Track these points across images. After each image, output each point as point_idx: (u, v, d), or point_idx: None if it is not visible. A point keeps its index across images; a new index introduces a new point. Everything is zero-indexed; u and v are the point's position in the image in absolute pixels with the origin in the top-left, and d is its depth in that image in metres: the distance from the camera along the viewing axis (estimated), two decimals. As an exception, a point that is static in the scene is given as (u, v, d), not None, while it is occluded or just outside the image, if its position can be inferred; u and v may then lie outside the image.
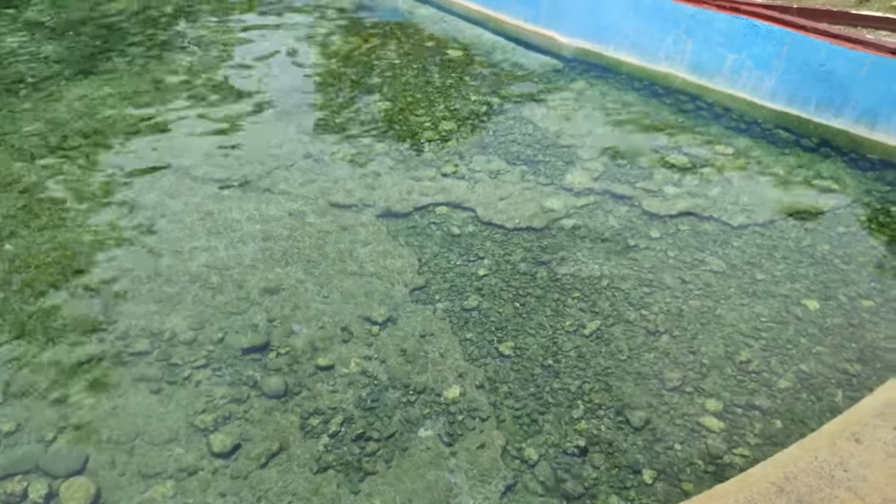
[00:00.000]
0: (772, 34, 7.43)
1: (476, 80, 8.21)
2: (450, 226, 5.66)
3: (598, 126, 7.20)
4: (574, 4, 9.12)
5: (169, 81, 8.01)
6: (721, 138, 6.99)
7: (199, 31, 9.52)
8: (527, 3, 9.56)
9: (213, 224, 5.60)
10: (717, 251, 5.42)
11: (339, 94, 7.83)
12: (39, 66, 8.32)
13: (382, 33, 9.58)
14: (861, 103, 6.83)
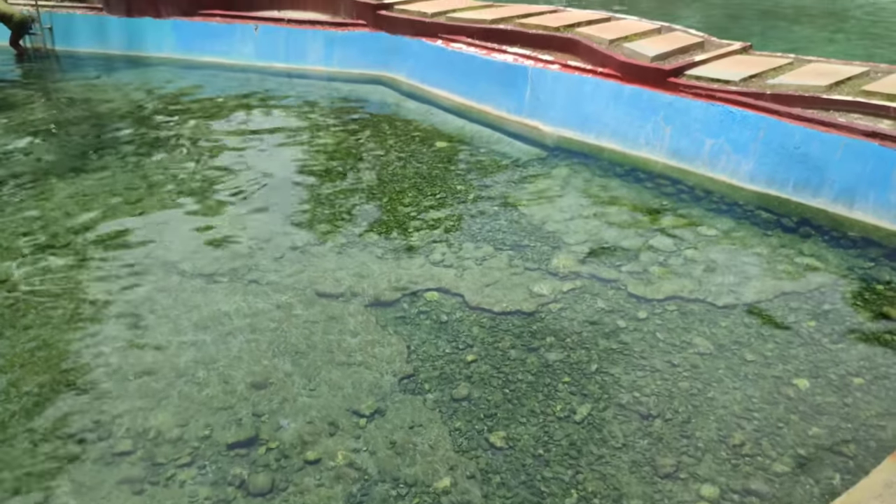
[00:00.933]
0: (747, 119, 7.68)
1: (462, 170, 8.38)
2: (438, 312, 5.67)
3: (582, 211, 7.32)
4: (556, 95, 9.43)
5: (159, 178, 8.14)
6: (703, 220, 7.11)
7: (190, 128, 9.74)
8: (510, 94, 9.88)
9: (201, 318, 5.59)
10: (704, 332, 5.43)
11: (327, 186, 7.96)
12: (31, 165, 8.45)
13: (370, 126, 9.82)
14: (838, 183, 7.00)
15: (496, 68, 10.08)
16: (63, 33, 13.25)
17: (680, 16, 17.07)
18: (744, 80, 8.24)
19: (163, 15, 12.82)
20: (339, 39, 12.05)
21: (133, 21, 12.95)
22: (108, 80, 11.95)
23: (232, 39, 12.50)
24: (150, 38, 12.87)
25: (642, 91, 8.63)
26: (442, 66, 10.81)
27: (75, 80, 12.02)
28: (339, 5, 12.59)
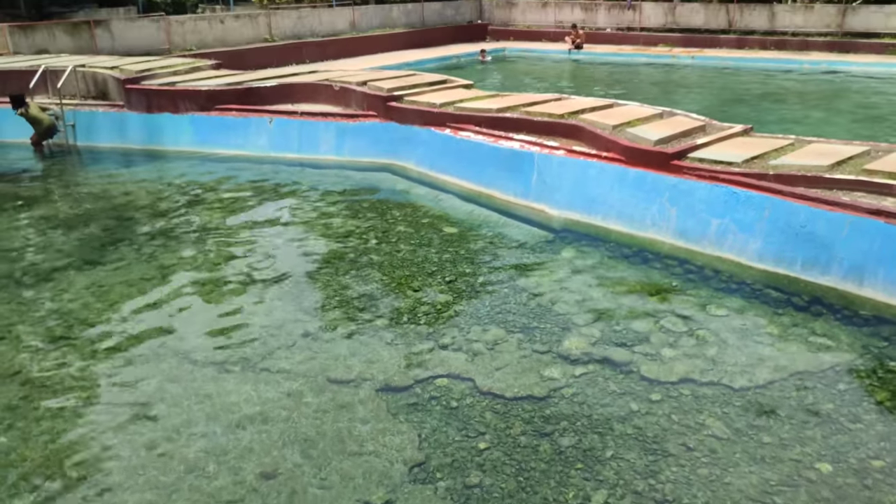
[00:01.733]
0: (752, 200, 7.75)
1: (471, 254, 8.44)
2: (449, 398, 5.61)
3: (591, 292, 7.32)
4: (561, 179, 9.58)
5: (173, 268, 8.24)
6: (713, 300, 7.08)
7: (203, 218, 9.92)
8: (516, 179, 10.04)
9: (212, 408, 5.55)
10: (719, 414, 5.33)
11: (338, 272, 8.03)
12: (50, 258, 8.60)
13: (380, 213, 9.96)
14: (846, 261, 6.99)
15: (503, 154, 10.29)
16: (85, 130, 13.70)
17: (680, 101, 17.44)
18: (746, 161, 8.35)
19: (181, 111, 13.26)
20: (350, 130, 12.38)
21: (152, 117, 13.40)
22: (126, 173, 12.28)
23: (247, 132, 12.87)
24: (168, 133, 13.28)
25: (646, 174, 8.75)
26: (450, 153, 11.05)
27: (95, 174, 12.35)
28: (350, 98, 12.99)
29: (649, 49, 27.48)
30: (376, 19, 28.92)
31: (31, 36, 18.95)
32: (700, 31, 28.26)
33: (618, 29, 30.06)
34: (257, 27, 24.40)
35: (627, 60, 26.34)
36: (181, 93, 13.36)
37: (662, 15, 29.32)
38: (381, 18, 29.13)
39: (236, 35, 23.69)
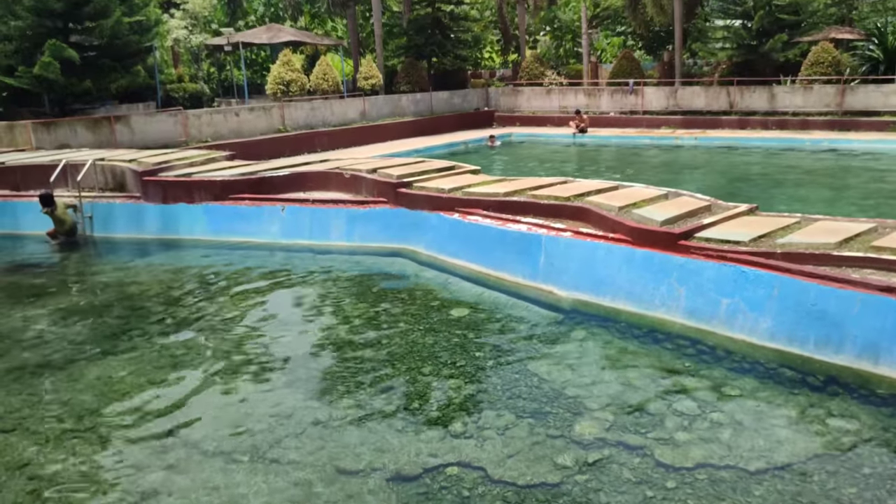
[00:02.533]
0: (760, 278, 7.71)
1: (481, 337, 8.38)
2: (460, 488, 5.46)
3: (603, 375, 7.22)
4: (569, 261, 9.59)
5: (184, 357, 8.22)
6: (727, 381, 6.96)
7: (215, 306, 9.95)
8: (525, 261, 10.06)
9: (220, 500, 5.43)
10: (738, 500, 5.15)
11: (348, 358, 7.97)
12: (63, 348, 8.60)
13: (390, 298, 9.97)
14: (860, 339, 6.89)
15: (511, 237, 10.35)
16: (102, 221, 13.94)
17: (685, 181, 17.63)
18: (753, 240, 8.35)
19: (196, 201, 13.51)
20: (361, 216, 12.53)
21: (168, 207, 13.64)
22: (141, 263, 12.41)
23: (260, 220, 13.06)
24: (183, 223, 13.49)
25: (654, 254, 8.76)
26: (459, 237, 11.13)
27: (110, 264, 12.49)
28: (361, 185, 13.20)
29: (652, 132, 28.00)
30: (386, 108, 29.69)
31: (54, 132, 19.54)
32: (702, 112, 28.82)
33: (621, 113, 30.71)
34: (271, 118, 25.08)
35: (631, 143, 26.81)
36: (196, 183, 13.64)
37: (664, 98, 29.99)
38: (390, 107, 29.92)
39: (250, 126, 24.34)
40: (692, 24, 32.68)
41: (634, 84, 30.56)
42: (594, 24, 43.29)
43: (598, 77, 35.86)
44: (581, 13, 37.21)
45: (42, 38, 20.43)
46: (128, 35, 22.00)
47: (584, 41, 35.42)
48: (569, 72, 37.03)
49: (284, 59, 28.03)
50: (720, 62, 31.47)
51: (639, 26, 35.31)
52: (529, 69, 34.54)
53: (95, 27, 21.30)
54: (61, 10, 20.76)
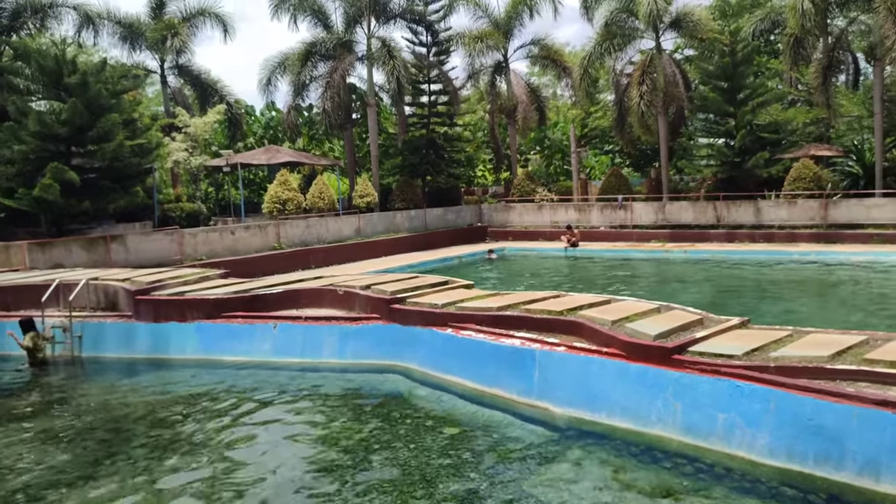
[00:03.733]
0: (756, 393, 7.62)
1: (475, 457, 8.15)
2: None
3: (600, 496, 6.98)
4: (563, 376, 9.48)
5: (168, 482, 7.94)
6: (728, 501, 6.73)
7: (201, 429, 9.71)
8: (519, 377, 9.93)
9: None
10: None
11: (337, 481, 7.71)
12: (43, 475, 8.31)
13: (381, 416, 9.77)
14: (860, 455, 6.73)
15: (504, 352, 10.27)
16: (92, 341, 13.81)
17: (676, 294, 17.71)
18: (747, 353, 8.30)
19: (188, 319, 13.45)
20: (353, 333, 12.46)
21: (159, 326, 13.56)
22: (128, 384, 12.21)
23: (252, 338, 12.95)
24: (174, 342, 13.37)
25: (648, 369, 8.68)
26: (452, 352, 11.03)
27: (97, 385, 12.28)
28: (354, 301, 13.20)
29: (643, 245, 28.43)
30: (381, 225, 30.19)
31: (49, 252, 19.71)
32: (690, 226, 29.38)
33: (611, 227, 31.27)
34: (266, 236, 25.41)
35: (622, 256, 27.15)
36: (189, 302, 13.63)
37: (653, 213, 30.63)
38: (385, 224, 30.42)
39: (246, 245, 24.62)
40: (677, 143, 33.84)
41: (623, 199, 31.29)
42: (583, 143, 44.84)
43: (588, 193, 36.76)
44: (570, 133, 38.57)
45: (44, 161, 20.93)
46: (129, 157, 22.58)
47: (574, 159, 36.53)
48: (559, 188, 37.98)
49: (282, 178, 28.73)
50: (706, 178, 32.41)
51: (626, 145, 36.56)
52: (521, 186, 35.42)
53: (98, 150, 21.89)
54: (66, 134, 21.40)
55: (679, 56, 38.44)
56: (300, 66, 33.66)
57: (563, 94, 51.18)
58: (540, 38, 38.49)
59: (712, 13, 35.41)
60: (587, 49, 34.63)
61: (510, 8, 36.99)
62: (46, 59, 21.96)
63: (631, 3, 31.56)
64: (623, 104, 33.69)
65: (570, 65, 37.54)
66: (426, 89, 35.60)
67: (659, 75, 30.98)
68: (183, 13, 33.49)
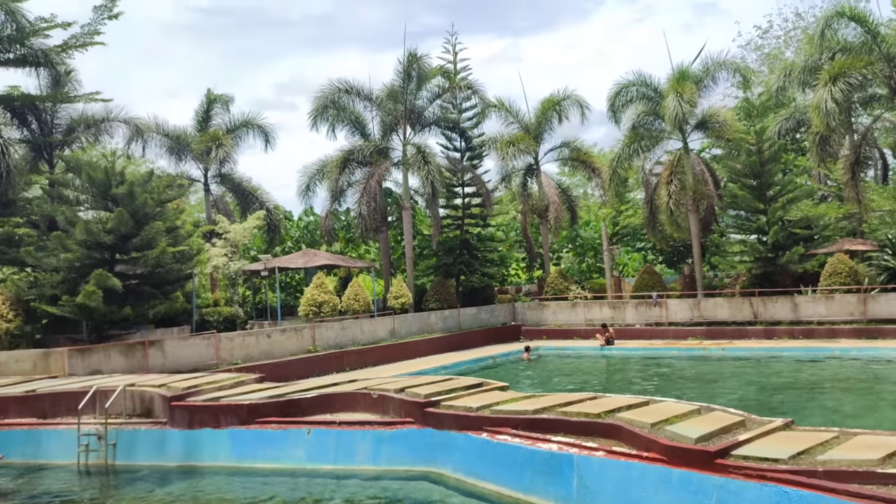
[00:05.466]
0: (804, 499, 7.25)
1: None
2: None
3: None
4: (603, 482, 9.13)
5: None
6: None
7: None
8: (557, 483, 9.58)
9: None
10: None
11: None
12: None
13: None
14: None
15: (541, 457, 9.95)
16: (126, 448, 13.71)
17: (716, 394, 17.15)
18: (793, 457, 7.92)
19: (222, 425, 13.33)
20: (387, 438, 12.21)
21: (193, 433, 13.44)
22: (159, 493, 11.99)
23: (285, 445, 12.75)
24: (207, 449, 13.21)
25: (691, 474, 8.31)
26: (487, 458, 10.72)
27: (129, 495, 12.08)
28: (388, 405, 13.00)
29: (679, 342, 27.86)
30: (415, 326, 30.13)
31: (87, 358, 19.92)
32: (727, 323, 28.82)
33: (646, 324, 30.81)
34: (302, 339, 25.47)
35: (658, 354, 26.58)
36: (223, 408, 13.55)
37: (688, 310, 30.18)
38: (419, 325, 30.36)
39: (281, 348, 24.67)
40: (709, 239, 33.69)
41: (658, 296, 30.94)
42: (614, 241, 44.91)
43: (622, 290, 36.47)
44: (601, 231, 38.73)
45: (88, 269, 21.46)
46: (171, 264, 23.08)
47: (606, 257, 36.50)
48: (592, 286, 37.79)
49: (318, 281, 29.04)
50: (740, 274, 32.01)
51: (658, 242, 36.48)
52: (554, 284, 35.31)
53: (141, 257, 22.44)
54: (111, 242, 22.02)
55: (707, 155, 38.85)
56: (338, 173, 34.60)
57: (594, 194, 51.81)
58: (569, 140, 39.31)
59: (737, 114, 35.93)
60: (615, 150, 35.20)
61: (539, 113, 37.98)
62: (96, 171, 22.89)
63: (657, 107, 32.21)
64: (653, 202, 33.88)
65: (600, 166, 38.10)
66: (460, 192, 36.27)
67: (687, 174, 31.23)
68: (227, 125, 34.95)
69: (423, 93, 34.04)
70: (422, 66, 32.97)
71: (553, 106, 37.76)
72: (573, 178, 51.62)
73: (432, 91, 34.26)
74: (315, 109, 34.33)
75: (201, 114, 34.93)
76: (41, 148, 28.07)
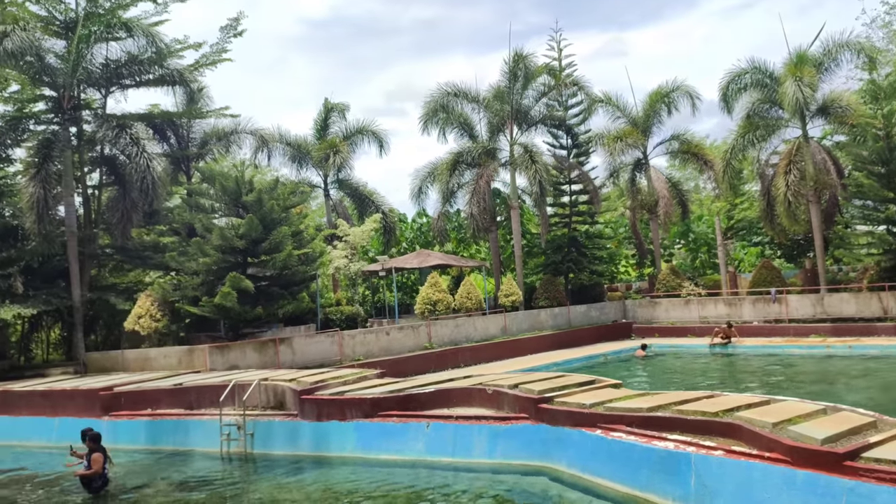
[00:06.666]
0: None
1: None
2: None
3: None
4: (723, 482, 8.87)
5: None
6: None
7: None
8: (674, 482, 9.38)
9: None
10: None
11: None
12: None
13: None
14: None
15: (658, 456, 9.77)
16: (262, 438, 14.49)
17: (842, 394, 16.18)
18: (930, 463, 7.41)
19: (347, 418, 13.85)
20: (502, 433, 12.32)
21: (322, 425, 14.04)
22: (294, 481, 12.61)
23: (405, 437, 13.10)
24: (334, 440, 13.77)
25: (818, 476, 7.94)
26: (602, 455, 10.63)
27: (266, 481, 12.76)
28: (502, 401, 13.10)
29: (800, 340, 26.42)
30: (525, 323, 30.09)
31: (226, 354, 21.14)
32: (853, 319, 27.09)
33: (765, 321, 29.44)
34: (418, 336, 25.98)
35: (778, 352, 25.32)
36: (348, 401, 14.07)
37: (810, 306, 28.60)
38: (530, 322, 30.29)
39: (399, 344, 25.27)
40: (832, 231, 31.76)
41: (777, 292, 29.48)
42: (729, 236, 43.07)
43: (738, 287, 34.93)
44: (715, 225, 37.28)
45: (224, 272, 22.77)
46: (296, 266, 24.09)
47: (720, 252, 35.07)
48: (706, 282, 36.41)
49: (432, 280, 29.51)
50: (867, 267, 29.94)
51: (776, 235, 34.71)
52: (666, 281, 34.32)
53: (269, 260, 23.57)
54: (243, 247, 23.25)
55: (828, 142, 36.60)
56: (448, 175, 35.00)
57: (706, 187, 49.85)
58: (679, 133, 38.03)
59: (862, 97, 33.55)
60: (729, 141, 33.75)
61: (647, 107, 36.98)
62: (228, 181, 24.22)
63: (773, 94, 30.65)
64: (770, 194, 32.20)
65: (712, 157, 36.66)
66: (567, 189, 35.86)
67: (807, 163, 29.53)
68: (343, 132, 36.06)
69: (529, 92, 33.87)
70: (528, 65, 32.82)
71: (661, 98, 36.66)
72: (684, 172, 49.85)
73: (538, 89, 34.03)
74: (425, 114, 34.87)
75: (319, 122, 36.21)
76: (179, 161, 30.06)
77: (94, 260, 27.19)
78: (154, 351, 22.30)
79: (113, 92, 27.22)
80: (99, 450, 12.59)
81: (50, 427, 16.16)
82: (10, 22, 22.64)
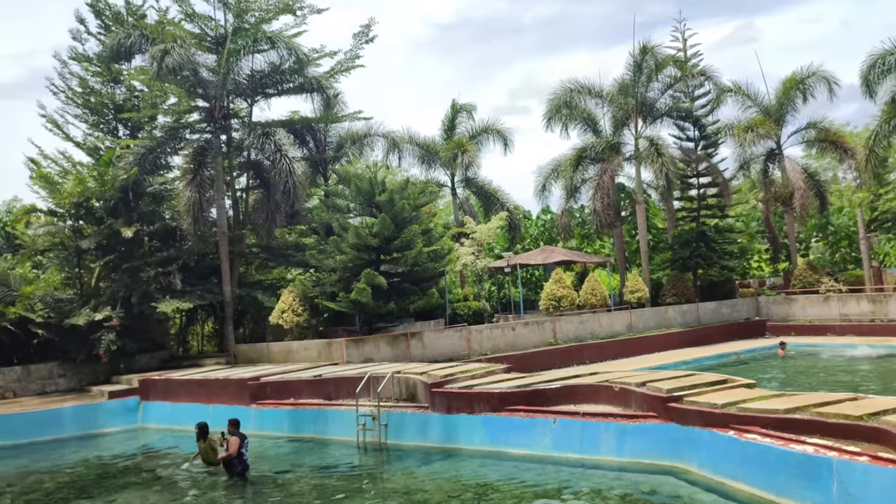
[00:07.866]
0: None
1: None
2: None
3: None
4: (869, 490, 8.29)
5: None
6: None
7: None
8: (814, 488, 8.86)
9: None
10: None
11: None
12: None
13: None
14: None
15: (796, 460, 9.25)
16: (395, 429, 14.93)
17: None
18: None
19: (475, 412, 14.02)
20: (630, 431, 12.06)
21: (451, 417, 14.29)
22: (424, 470, 12.92)
23: (532, 432, 13.09)
24: (463, 433, 13.97)
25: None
26: (735, 457, 10.19)
27: (399, 471, 13.16)
28: (630, 398, 12.83)
29: (962, 338, 24.04)
30: (652, 320, 29.21)
31: (361, 347, 21.93)
32: None
33: (916, 319, 27.00)
34: (543, 332, 25.84)
35: (935, 352, 23.16)
36: (476, 395, 14.23)
37: (969, 302, 25.98)
38: (656, 319, 29.38)
39: (524, 340, 25.24)
40: None
41: (929, 288, 27.00)
42: (873, 228, 39.81)
43: (883, 282, 32.24)
44: (857, 218, 34.61)
45: (359, 269, 23.59)
46: (426, 263, 24.60)
47: (863, 246, 32.49)
48: (847, 278, 33.87)
49: (556, 276, 29.24)
50: None
51: (926, 227, 31.78)
52: (802, 276, 32.24)
53: (401, 257, 24.22)
54: (376, 245, 24.02)
55: None
56: (571, 171, 34.53)
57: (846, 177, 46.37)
58: (816, 120, 35.55)
59: None
60: (872, 128, 31.21)
61: (781, 94, 34.83)
62: (362, 182, 25.07)
63: (923, 76, 28.11)
64: (920, 184, 29.54)
65: (853, 146, 34.02)
66: (694, 183, 34.42)
67: (963, 150, 26.84)
68: (470, 132, 36.39)
69: (655, 84, 32.77)
70: (656, 56, 31.80)
71: (796, 85, 34.39)
72: (821, 161, 46.60)
73: (663, 82, 32.85)
74: (548, 111, 34.54)
75: (447, 123, 36.70)
76: (317, 163, 31.45)
77: (243, 258, 28.95)
78: (296, 344, 23.48)
79: (258, 101, 28.86)
80: (237, 434, 13.18)
81: (205, 413, 17.35)
82: (170, 40, 24.47)
